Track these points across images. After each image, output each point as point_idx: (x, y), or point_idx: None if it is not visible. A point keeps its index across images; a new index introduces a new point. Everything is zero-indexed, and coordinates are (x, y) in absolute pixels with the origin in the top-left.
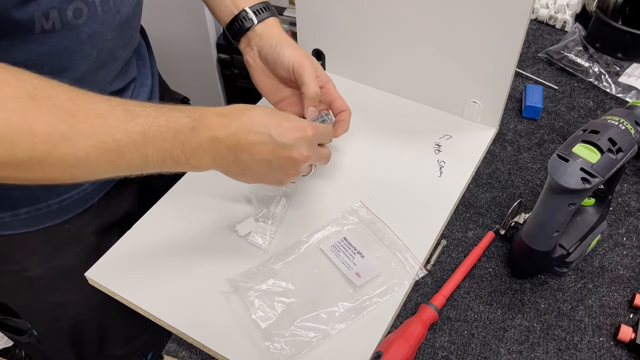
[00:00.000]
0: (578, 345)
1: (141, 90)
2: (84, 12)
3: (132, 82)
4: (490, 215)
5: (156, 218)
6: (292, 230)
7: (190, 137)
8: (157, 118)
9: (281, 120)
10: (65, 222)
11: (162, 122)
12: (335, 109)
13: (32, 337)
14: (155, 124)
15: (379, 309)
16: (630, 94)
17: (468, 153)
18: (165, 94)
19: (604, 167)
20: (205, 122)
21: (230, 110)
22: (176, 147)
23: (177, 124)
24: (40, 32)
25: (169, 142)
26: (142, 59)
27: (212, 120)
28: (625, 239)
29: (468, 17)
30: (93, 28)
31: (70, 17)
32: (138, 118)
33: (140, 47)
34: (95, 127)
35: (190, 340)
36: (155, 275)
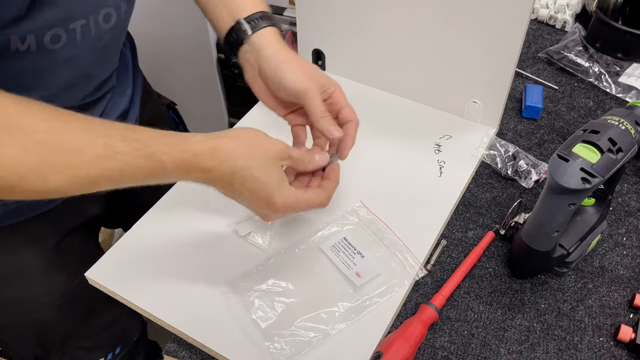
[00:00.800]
0: (578, 345)
1: (120, 100)
2: (62, 38)
3: (109, 92)
4: (490, 215)
5: (156, 218)
6: (292, 230)
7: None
8: (137, 158)
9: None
10: (24, 222)
11: (142, 163)
12: (341, 119)
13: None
14: (134, 164)
15: (379, 309)
16: (630, 94)
17: (468, 153)
18: (149, 102)
19: (604, 167)
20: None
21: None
22: (152, 180)
23: (156, 167)
24: (14, 52)
25: (144, 175)
26: (124, 69)
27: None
28: (625, 239)
29: (468, 17)
30: (70, 52)
31: (47, 41)
32: (118, 155)
33: (124, 57)
34: (69, 163)
35: (190, 340)
36: (155, 275)
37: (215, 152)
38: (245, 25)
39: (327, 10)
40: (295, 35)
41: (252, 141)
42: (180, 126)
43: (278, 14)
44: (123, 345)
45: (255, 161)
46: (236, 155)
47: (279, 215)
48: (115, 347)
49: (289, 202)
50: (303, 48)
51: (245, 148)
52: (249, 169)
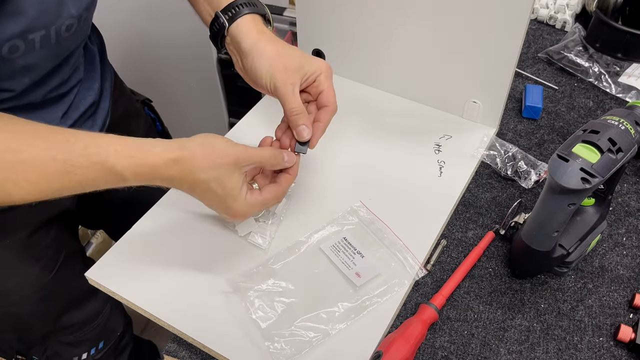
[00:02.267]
0: (578, 345)
1: (87, 94)
2: (20, 48)
3: (76, 86)
4: (490, 215)
5: (156, 218)
6: (292, 230)
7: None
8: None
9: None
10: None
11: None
12: (318, 103)
13: None
14: (94, 176)
15: (379, 309)
16: (630, 94)
17: (468, 153)
18: (121, 97)
19: (604, 167)
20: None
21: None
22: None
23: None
24: None
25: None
26: (90, 64)
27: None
28: (625, 239)
29: (468, 17)
30: (29, 61)
31: (5, 52)
32: (77, 170)
33: (90, 52)
34: (31, 180)
35: (190, 340)
36: (155, 275)
37: (175, 165)
38: (222, 17)
39: (327, 10)
40: (295, 35)
41: (213, 152)
42: (157, 122)
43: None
44: (106, 340)
45: (215, 173)
46: (197, 170)
47: (238, 220)
48: (99, 341)
49: (246, 210)
50: (303, 48)
51: (206, 161)
52: (207, 183)
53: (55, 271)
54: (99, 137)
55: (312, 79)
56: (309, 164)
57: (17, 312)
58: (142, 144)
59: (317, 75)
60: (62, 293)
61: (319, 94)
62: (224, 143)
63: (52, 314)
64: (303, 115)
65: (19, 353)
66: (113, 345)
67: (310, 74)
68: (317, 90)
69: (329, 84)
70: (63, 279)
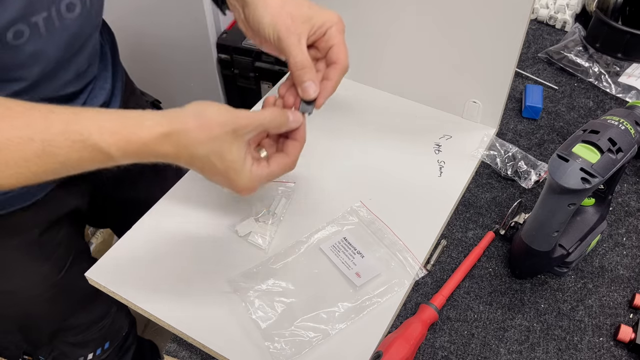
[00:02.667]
0: (578, 345)
1: (99, 93)
2: (25, 33)
3: (91, 84)
4: (490, 215)
5: (156, 218)
6: (292, 230)
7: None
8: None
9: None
10: (5, 215)
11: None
12: (327, 59)
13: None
14: (77, 157)
15: (379, 309)
16: (630, 94)
17: (468, 153)
18: (131, 97)
19: (604, 167)
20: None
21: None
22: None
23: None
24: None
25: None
26: (103, 62)
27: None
28: (625, 239)
29: (468, 17)
30: (36, 47)
31: (10, 38)
32: (58, 150)
33: (103, 52)
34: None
35: (190, 340)
36: (155, 275)
37: (167, 141)
38: None
39: None
40: None
41: (208, 122)
42: None
43: None
44: (112, 340)
45: (213, 145)
46: (192, 144)
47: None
48: (104, 342)
49: (252, 184)
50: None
51: (202, 134)
52: (205, 158)
53: (64, 270)
54: (81, 112)
55: (322, 32)
56: (309, 164)
57: (25, 312)
58: (128, 118)
59: (327, 28)
60: (71, 292)
61: (329, 49)
62: (218, 110)
63: (59, 314)
64: (309, 70)
65: (26, 353)
66: (118, 346)
67: (319, 25)
68: (327, 45)
69: (341, 38)
70: (72, 278)
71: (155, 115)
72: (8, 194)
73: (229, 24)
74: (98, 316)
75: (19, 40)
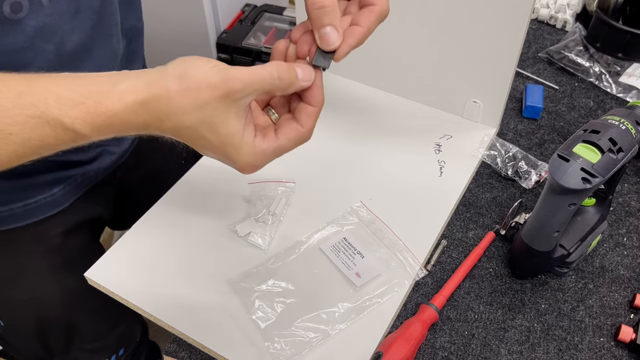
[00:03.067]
0: (578, 345)
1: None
2: (24, 5)
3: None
4: (491, 215)
5: (156, 218)
6: (292, 230)
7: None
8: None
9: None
10: (30, 225)
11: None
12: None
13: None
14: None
15: (379, 309)
16: (630, 93)
17: (468, 153)
18: None
19: (605, 167)
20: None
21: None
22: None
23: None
24: None
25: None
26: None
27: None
28: (625, 239)
29: (468, 17)
30: (40, 20)
31: (8, 12)
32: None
33: (132, 52)
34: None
35: (190, 341)
36: (155, 275)
37: (147, 108)
38: None
39: None
40: None
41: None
42: None
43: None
44: (126, 346)
45: (202, 114)
46: (175, 113)
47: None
48: (119, 348)
49: (256, 160)
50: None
51: (186, 101)
52: (194, 130)
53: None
54: (36, 79)
55: None
56: (309, 164)
57: (42, 318)
58: (95, 83)
59: None
60: (87, 300)
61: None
62: (207, 69)
63: (76, 321)
64: (331, 10)
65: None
66: (131, 352)
67: None
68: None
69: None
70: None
71: (129, 78)
72: (33, 204)
73: (229, 24)
74: (113, 322)
75: (18, 14)
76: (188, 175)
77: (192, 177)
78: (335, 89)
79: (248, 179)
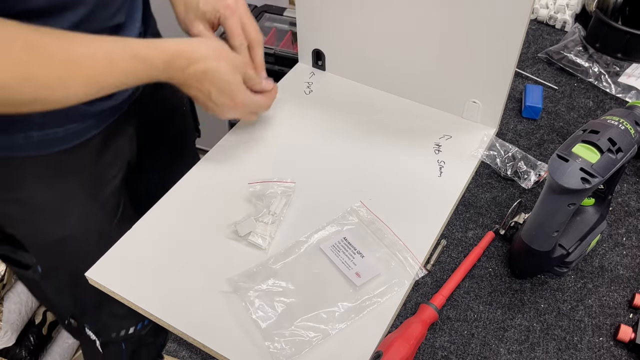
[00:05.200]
0: (578, 345)
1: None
2: None
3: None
4: (490, 215)
5: (156, 218)
6: (292, 230)
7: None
8: (134, 63)
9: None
10: (69, 150)
11: (139, 67)
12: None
13: (36, 273)
14: (133, 68)
15: (378, 308)
16: (630, 94)
17: (468, 153)
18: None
19: (604, 167)
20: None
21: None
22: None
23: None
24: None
25: (141, 79)
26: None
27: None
28: (625, 239)
29: (468, 17)
30: None
31: None
32: (118, 64)
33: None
34: (83, 73)
35: (190, 340)
36: (155, 275)
37: (191, 54)
38: None
39: (327, 10)
40: (295, 35)
41: (220, 50)
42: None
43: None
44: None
45: (223, 66)
46: (208, 57)
47: (236, 112)
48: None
49: (247, 101)
50: (303, 48)
51: (216, 54)
52: (217, 72)
53: (115, 221)
54: (128, 39)
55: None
56: (309, 164)
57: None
58: (163, 41)
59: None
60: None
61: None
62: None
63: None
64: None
65: (73, 317)
66: (159, 356)
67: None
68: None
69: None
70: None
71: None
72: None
73: None
74: None
75: None
76: (188, 175)
77: (192, 177)
78: (335, 89)
79: (248, 178)
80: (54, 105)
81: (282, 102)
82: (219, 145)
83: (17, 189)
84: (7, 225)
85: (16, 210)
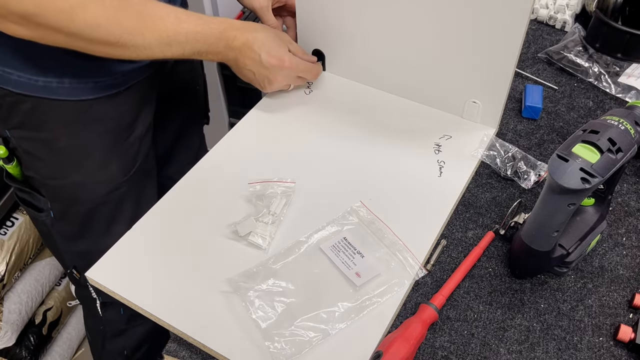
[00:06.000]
0: (578, 345)
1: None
2: None
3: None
4: (490, 215)
5: (156, 218)
6: (292, 230)
7: (214, 43)
8: (197, 26)
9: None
10: (94, 101)
11: (199, 29)
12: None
13: (48, 217)
14: (194, 30)
15: (378, 308)
16: (629, 94)
17: (468, 153)
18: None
19: (604, 167)
20: (226, 33)
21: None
22: (204, 47)
23: (208, 34)
24: None
25: (200, 43)
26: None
27: (230, 33)
28: (624, 239)
29: (468, 17)
30: None
31: None
32: (184, 24)
33: None
34: (157, 27)
35: (190, 340)
36: (156, 275)
37: (242, 24)
38: None
39: (327, 10)
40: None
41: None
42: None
43: None
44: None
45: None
46: (259, 29)
47: (284, 74)
48: None
49: (294, 61)
50: (303, 48)
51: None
52: (266, 37)
53: (129, 175)
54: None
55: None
56: (309, 164)
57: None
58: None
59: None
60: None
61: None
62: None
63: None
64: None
65: (76, 268)
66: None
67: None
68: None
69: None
70: (132, 186)
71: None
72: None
73: None
74: None
75: None
76: (188, 175)
77: (193, 177)
78: (335, 89)
79: (248, 178)
80: (133, 51)
81: (282, 103)
82: (219, 145)
83: (43, 130)
84: (28, 163)
85: (39, 150)
